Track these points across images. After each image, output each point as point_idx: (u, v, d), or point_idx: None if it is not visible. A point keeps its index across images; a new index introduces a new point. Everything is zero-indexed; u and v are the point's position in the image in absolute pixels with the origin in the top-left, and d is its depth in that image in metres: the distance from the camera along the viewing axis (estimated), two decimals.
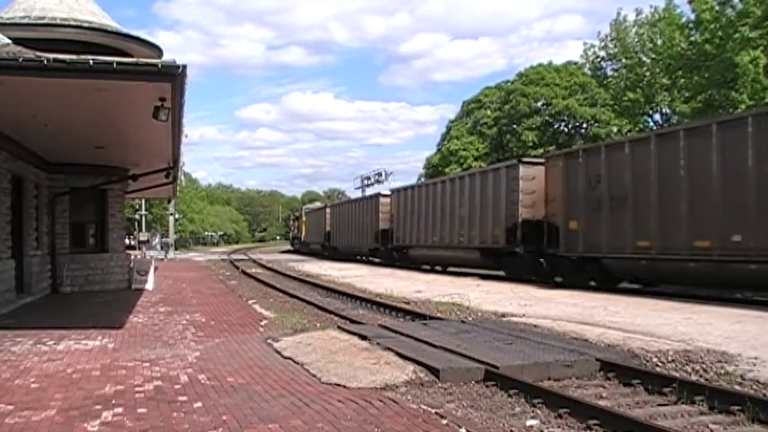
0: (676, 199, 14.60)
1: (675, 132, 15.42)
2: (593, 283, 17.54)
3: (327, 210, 46.84)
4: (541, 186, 19.66)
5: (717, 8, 27.34)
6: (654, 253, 15.28)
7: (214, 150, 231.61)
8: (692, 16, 29.81)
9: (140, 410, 5.51)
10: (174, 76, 8.23)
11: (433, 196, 27.13)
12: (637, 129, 37.26)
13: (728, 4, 27.22)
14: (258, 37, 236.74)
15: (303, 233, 56.04)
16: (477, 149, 50.93)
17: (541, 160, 21.06)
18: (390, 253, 31.89)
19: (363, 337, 9.02)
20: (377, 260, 34.71)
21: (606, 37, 40.49)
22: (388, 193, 34.02)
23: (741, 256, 13.16)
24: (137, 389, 6.29)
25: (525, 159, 22.45)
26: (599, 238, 16.93)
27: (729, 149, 13.55)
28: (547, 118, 48.62)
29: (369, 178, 59.45)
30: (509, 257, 21.26)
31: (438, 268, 28.04)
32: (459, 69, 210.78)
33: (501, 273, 22.35)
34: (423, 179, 52.32)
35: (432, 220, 26.95)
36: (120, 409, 5.53)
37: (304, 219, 56.33)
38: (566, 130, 49.50)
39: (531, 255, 19.81)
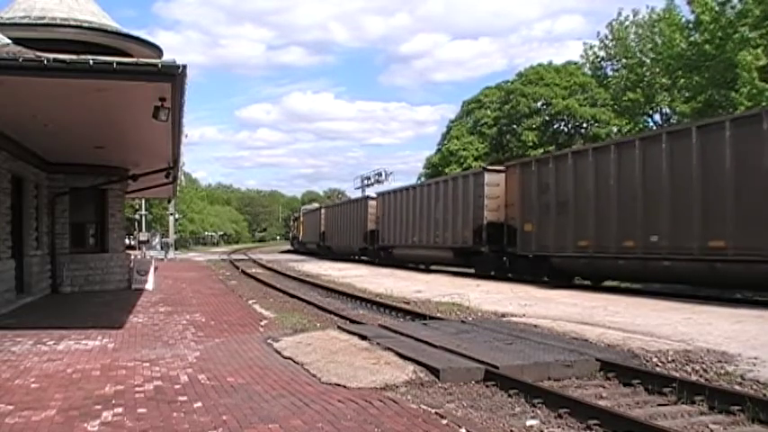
0: (608, 204, 16.65)
1: (608, 147, 17.68)
2: (546, 279, 19.64)
3: (322, 211, 48.84)
4: (504, 192, 22.23)
5: (716, 8, 27.31)
6: (591, 252, 17.33)
7: (214, 150, 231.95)
8: (692, 17, 29.81)
9: (140, 410, 5.51)
10: (174, 76, 8.23)
11: (413, 200, 29.38)
12: (637, 129, 37.24)
13: (728, 5, 27.20)
14: (258, 37, 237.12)
15: (301, 233, 57.63)
16: (476, 149, 50.92)
17: (504, 168, 23.45)
18: (377, 252, 34.02)
19: (363, 337, 9.02)
20: (366, 259, 36.76)
21: (605, 37, 40.53)
22: (376, 195, 36.32)
23: (657, 254, 15.24)
24: (137, 389, 6.29)
25: (490, 168, 25.06)
26: (548, 239, 19.12)
27: (649, 163, 15.62)
28: (547, 118, 48.62)
29: (369, 178, 59.49)
30: (477, 256, 23.59)
31: (438, 268, 28.17)
32: (460, 69, 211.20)
33: (475, 270, 24.38)
34: (423, 179, 52.33)
35: (412, 222, 29.22)
36: (120, 409, 5.53)
37: (302, 219, 58.12)
38: (566, 129, 49.51)
39: (495, 253, 22.28)
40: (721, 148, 13.76)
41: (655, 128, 35.59)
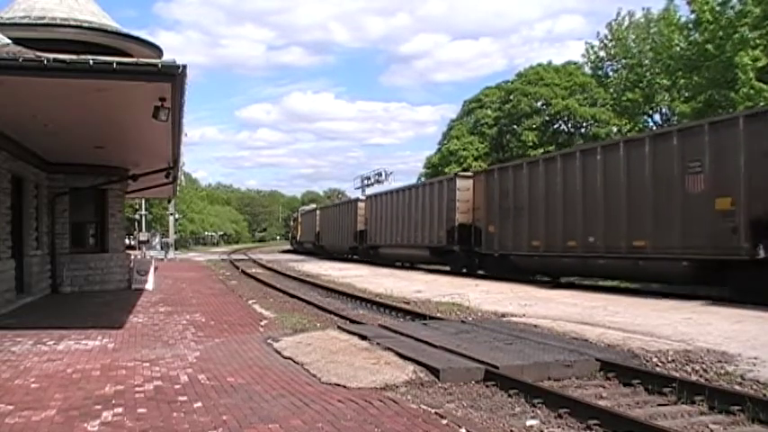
0: (555, 209, 18.62)
1: (555, 157, 19.79)
2: (509, 275, 21.54)
3: (317, 212, 50.52)
4: (472, 196, 24.31)
5: (717, 8, 27.29)
6: (542, 251, 19.44)
7: (214, 150, 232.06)
8: (692, 16, 29.80)
9: (140, 410, 5.51)
10: (174, 76, 8.23)
11: (397, 202, 31.75)
12: (636, 129, 37.26)
13: (728, 5, 27.18)
14: (259, 37, 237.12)
15: (299, 233, 59.51)
16: (476, 149, 50.93)
17: (472, 174, 26.42)
18: (366, 251, 36.38)
19: (363, 337, 9.02)
20: (356, 257, 38.77)
21: (605, 38, 40.58)
22: (365, 198, 39.63)
23: (594, 252, 17.26)
24: (137, 389, 6.29)
25: (461, 174, 27.41)
26: (508, 240, 21.31)
27: (588, 173, 17.59)
28: (547, 118, 48.62)
29: (369, 178, 59.48)
30: (450, 254, 25.78)
31: (437, 268, 28.24)
32: (460, 70, 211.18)
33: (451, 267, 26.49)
34: (423, 179, 52.38)
35: (396, 223, 31.80)
36: (120, 409, 5.53)
37: (300, 220, 60.04)
38: (566, 129, 49.52)
39: (465, 252, 24.35)
40: (642, 161, 15.82)
41: (655, 128, 35.62)
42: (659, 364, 7.69)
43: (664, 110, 37.93)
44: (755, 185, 13.05)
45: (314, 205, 64.29)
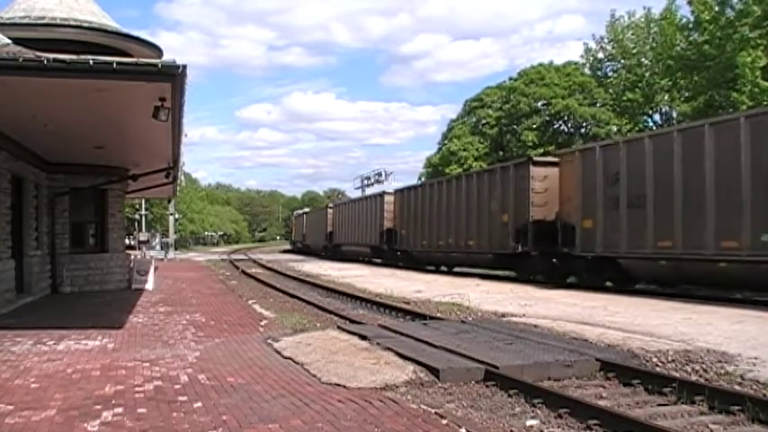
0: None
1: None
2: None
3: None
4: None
5: (716, 8, 27.29)
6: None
7: (215, 151, 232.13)
8: (692, 17, 29.81)
9: (140, 410, 5.51)
10: (173, 76, 8.23)
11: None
12: (636, 129, 37.27)
13: (728, 5, 27.19)
14: (259, 37, 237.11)
15: (293, 234, 65.39)
16: (477, 149, 50.91)
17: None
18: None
19: (363, 337, 9.02)
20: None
21: (603, 39, 40.64)
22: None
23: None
24: (137, 389, 6.29)
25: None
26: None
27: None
28: (547, 118, 48.61)
29: (369, 178, 59.62)
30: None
31: (434, 268, 28.26)
32: (461, 70, 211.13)
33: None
34: (423, 179, 52.42)
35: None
36: (120, 409, 5.53)
37: (294, 222, 65.72)
38: (566, 129, 49.50)
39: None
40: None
41: (655, 128, 35.63)
42: (659, 364, 7.69)
43: (664, 110, 37.94)
44: None
45: (307, 209, 66.58)
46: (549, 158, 21.75)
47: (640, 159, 15.88)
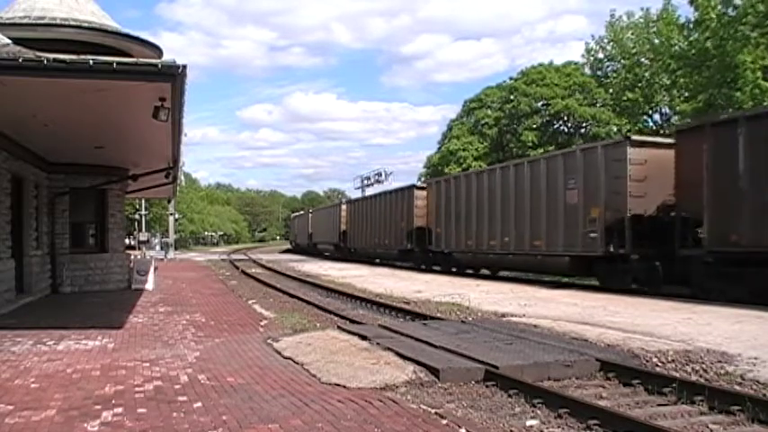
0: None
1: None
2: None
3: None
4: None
5: (720, 7, 27.24)
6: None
7: (215, 151, 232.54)
8: (692, 16, 29.82)
9: (140, 410, 5.51)
10: (173, 76, 8.23)
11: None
12: (636, 128, 37.29)
13: (730, 3, 27.15)
14: (261, 38, 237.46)
15: (293, 234, 67.08)
16: (476, 149, 50.94)
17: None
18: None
19: (363, 337, 9.02)
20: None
21: (602, 39, 40.66)
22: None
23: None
24: (137, 389, 6.28)
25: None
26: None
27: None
28: (547, 118, 48.62)
29: (368, 178, 59.60)
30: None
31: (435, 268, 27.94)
32: (462, 70, 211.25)
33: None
34: (423, 179, 52.35)
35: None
36: (120, 409, 5.52)
37: (294, 223, 66.95)
38: (566, 129, 49.51)
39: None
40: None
41: (654, 128, 35.70)
42: (659, 364, 7.69)
43: (664, 110, 37.95)
44: None
45: (302, 211, 67.30)
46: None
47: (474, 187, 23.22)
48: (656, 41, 34.93)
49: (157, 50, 15.07)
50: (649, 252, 15.89)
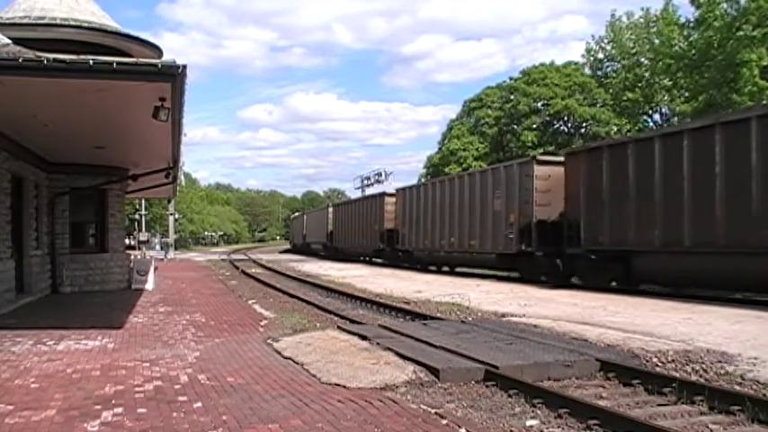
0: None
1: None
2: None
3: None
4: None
5: (724, 5, 27.20)
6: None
7: (216, 151, 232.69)
8: (692, 16, 29.83)
9: (140, 410, 5.51)
10: (173, 76, 8.23)
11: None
12: (636, 128, 37.30)
13: (734, 2, 27.13)
14: (261, 38, 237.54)
15: (293, 234, 68.84)
16: (476, 149, 50.96)
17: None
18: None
19: (363, 337, 9.02)
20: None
21: (602, 39, 40.68)
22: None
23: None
24: (137, 389, 6.29)
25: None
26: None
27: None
28: (547, 118, 48.63)
29: (368, 178, 59.62)
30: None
31: (435, 268, 28.24)
32: (462, 70, 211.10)
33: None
34: (423, 179, 52.41)
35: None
36: (120, 409, 5.53)
37: (293, 223, 70.15)
38: (565, 129, 49.51)
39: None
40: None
41: (654, 128, 35.65)
42: (659, 364, 7.69)
43: (664, 110, 37.95)
44: None
45: (298, 213, 70.19)
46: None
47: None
48: (656, 41, 34.92)
49: (157, 50, 15.07)
50: (551, 250, 19.67)
